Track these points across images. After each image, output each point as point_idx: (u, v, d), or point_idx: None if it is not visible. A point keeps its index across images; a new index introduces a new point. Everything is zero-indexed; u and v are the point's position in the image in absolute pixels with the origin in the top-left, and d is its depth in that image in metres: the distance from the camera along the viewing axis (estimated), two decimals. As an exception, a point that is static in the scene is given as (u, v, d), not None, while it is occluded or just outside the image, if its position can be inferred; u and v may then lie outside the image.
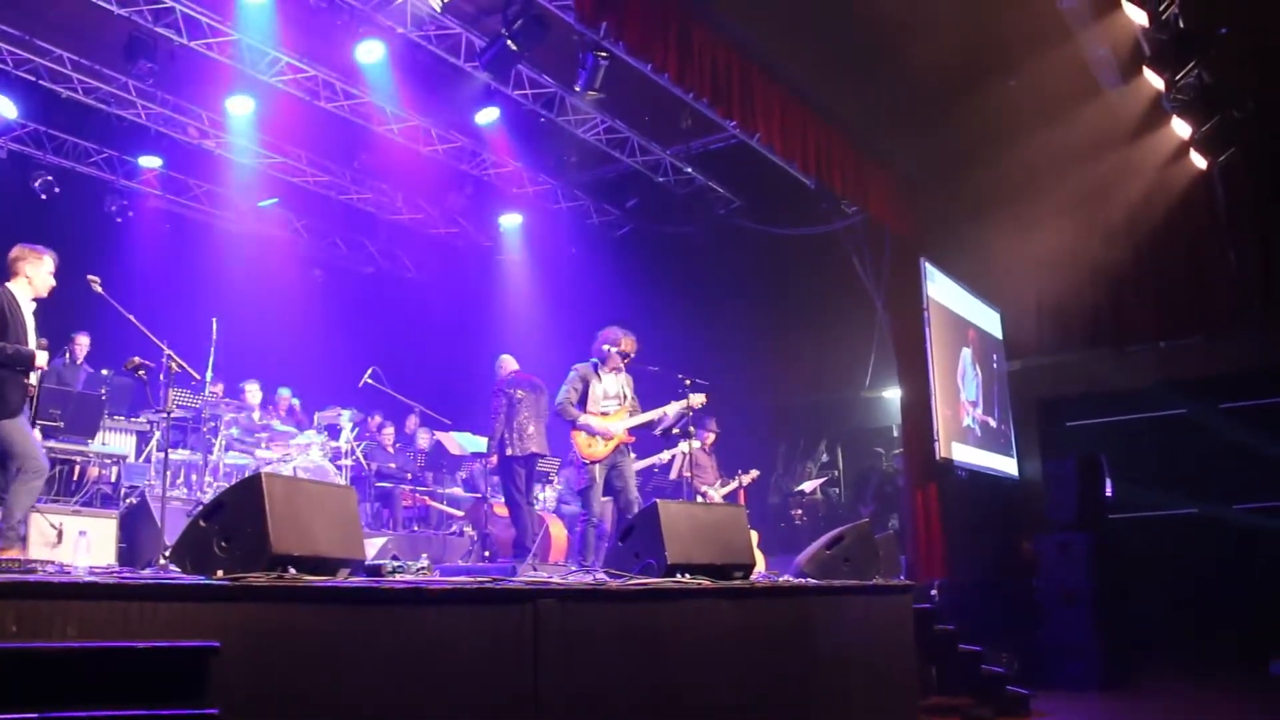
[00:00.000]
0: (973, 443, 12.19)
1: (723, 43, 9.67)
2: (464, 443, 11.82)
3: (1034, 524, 11.34)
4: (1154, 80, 9.55)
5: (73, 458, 8.86)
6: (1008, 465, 13.07)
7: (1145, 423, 12.43)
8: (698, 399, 8.61)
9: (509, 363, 9.89)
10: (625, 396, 8.51)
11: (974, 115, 10.72)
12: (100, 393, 9.48)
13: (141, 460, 9.89)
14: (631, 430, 8.57)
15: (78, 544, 7.60)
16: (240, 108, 11.44)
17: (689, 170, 12.77)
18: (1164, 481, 11.79)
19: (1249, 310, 11.59)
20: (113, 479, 9.23)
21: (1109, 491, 10.61)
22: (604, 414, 8.35)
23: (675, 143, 12.32)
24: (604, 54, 9.68)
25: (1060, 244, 12.07)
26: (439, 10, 8.91)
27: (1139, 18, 8.68)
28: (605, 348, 8.44)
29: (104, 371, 10.28)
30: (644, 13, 8.90)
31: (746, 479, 11.21)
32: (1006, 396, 13.32)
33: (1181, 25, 9.05)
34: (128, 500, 8.89)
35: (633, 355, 8.48)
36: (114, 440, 9.79)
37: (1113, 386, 12.54)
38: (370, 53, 10.21)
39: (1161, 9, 8.47)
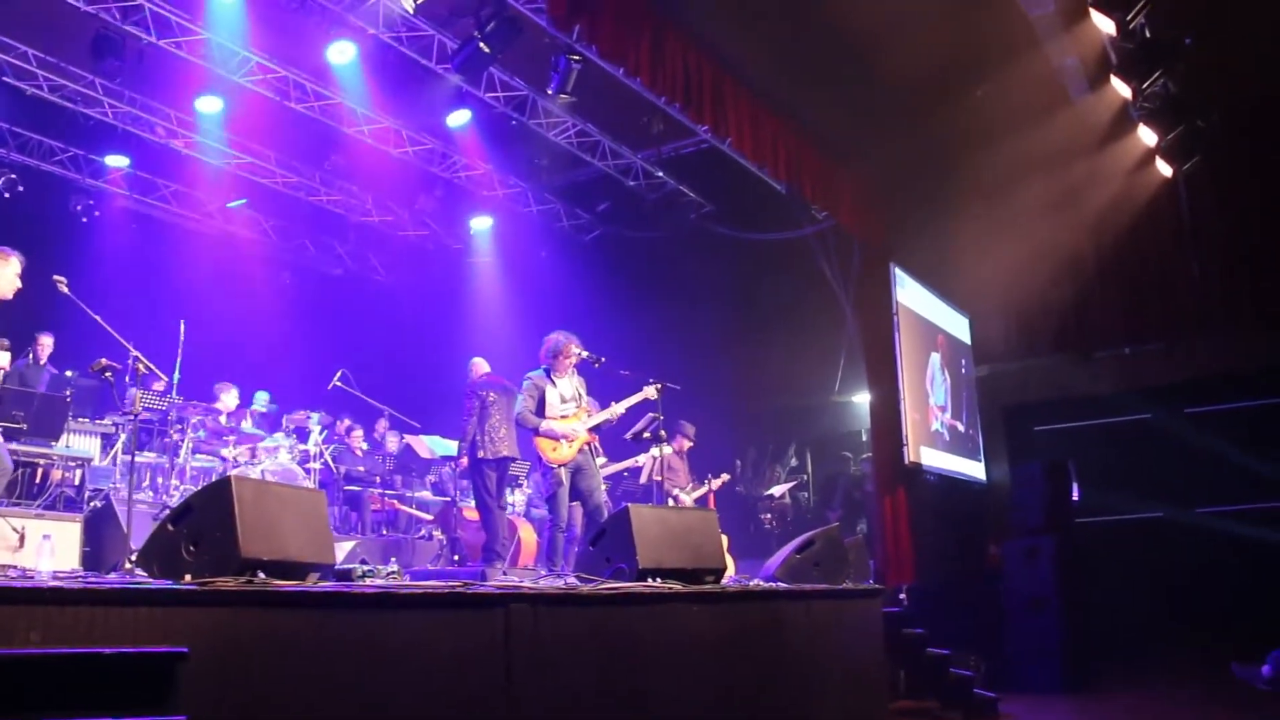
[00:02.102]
0: (941, 447, 12.25)
1: (695, 48, 9.68)
2: (433, 446, 11.76)
3: (1001, 528, 11.42)
4: (1121, 89, 9.64)
5: (36, 460, 8.74)
6: (976, 470, 13.15)
7: (1111, 428, 12.56)
8: (650, 390, 8.63)
9: (481, 365, 9.88)
10: (580, 397, 8.57)
11: (944, 123, 10.80)
12: (65, 394, 9.36)
13: (106, 463, 9.78)
14: (598, 431, 8.62)
15: (41, 548, 7.48)
16: (209, 107, 11.35)
17: (660, 174, 12.77)
18: (1129, 486, 11.91)
19: (1212, 317, 11.75)
20: (76, 482, 9.11)
21: (1076, 496, 10.70)
22: (563, 417, 8.40)
23: (646, 147, 12.32)
24: (576, 57, 9.67)
25: (1028, 250, 12.16)
26: (411, 11, 8.87)
27: (1107, 27, 8.75)
28: (551, 353, 8.50)
29: (68, 373, 10.16)
30: (617, 16, 8.89)
31: (717, 483, 11.23)
32: (975, 401, 13.40)
33: (1148, 35, 9.14)
34: (92, 503, 8.78)
35: (578, 356, 8.52)
36: (78, 442, 9.67)
37: (1079, 391, 12.65)
38: (341, 53, 10.17)
39: (1129, 19, 8.56)
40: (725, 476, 11.42)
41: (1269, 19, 9.66)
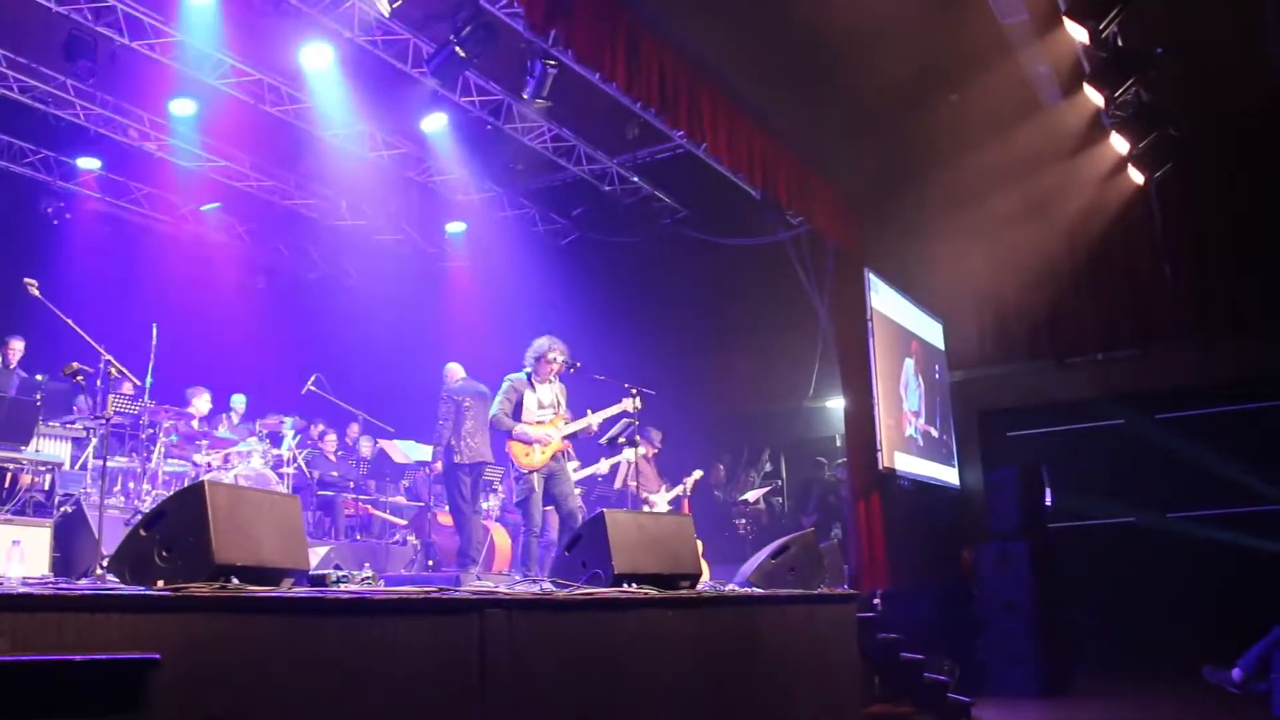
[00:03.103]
0: (915, 453, 12.31)
1: (671, 53, 9.70)
2: (407, 450, 11.72)
3: (975, 533, 11.48)
4: (1094, 97, 9.72)
5: (5, 465, 8.64)
6: (949, 475, 13.21)
7: (1084, 433, 12.64)
8: (630, 403, 8.65)
9: (456, 370, 9.85)
10: (559, 404, 8.56)
11: (919, 129, 10.88)
12: (35, 398, 9.28)
13: (77, 468, 9.68)
14: (570, 438, 8.61)
15: (10, 553, 7.43)
16: (182, 110, 11.27)
17: (635, 179, 12.77)
18: (1102, 491, 12.00)
19: (1183, 324, 11.86)
20: (46, 486, 9.02)
21: (1049, 501, 10.76)
22: (539, 423, 8.39)
23: (622, 152, 12.30)
24: (552, 62, 9.67)
25: (1002, 257, 12.25)
26: (387, 15, 8.84)
27: (1080, 36, 8.83)
28: (536, 357, 8.49)
29: (39, 377, 10.06)
30: (593, 22, 8.90)
31: (690, 481, 11.21)
32: (948, 407, 13.47)
33: (1121, 44, 9.23)
34: (63, 508, 8.70)
35: (563, 363, 8.52)
36: (49, 447, 9.57)
37: (1052, 397, 12.75)
38: (316, 57, 10.12)
39: (1102, 28, 8.63)
40: (698, 473, 11.40)
41: (1238, 30, 9.78)
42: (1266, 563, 10.94)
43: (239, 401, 11.56)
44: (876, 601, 10.03)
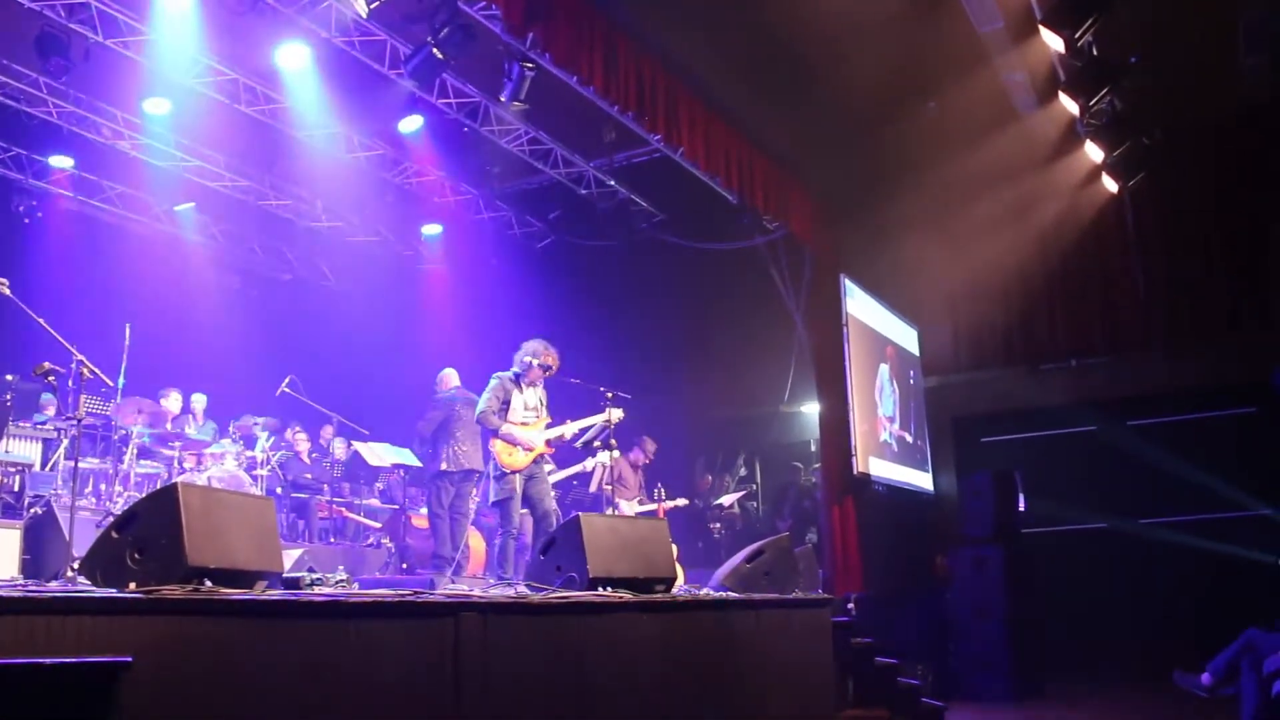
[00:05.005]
0: (890, 458, 12.35)
1: (649, 57, 9.71)
2: (382, 453, 11.67)
3: (949, 538, 11.52)
4: (1069, 105, 9.79)
5: (-26, 466, 8.58)
6: (924, 480, 13.26)
7: (1057, 439, 12.72)
8: (616, 414, 8.67)
9: (451, 377, 9.81)
10: (542, 407, 8.55)
11: (895, 135, 10.92)
12: (5, 399, 9.19)
13: (48, 469, 9.60)
14: (551, 443, 8.61)
15: (-21, 555, 7.36)
16: (157, 109, 11.16)
17: (612, 183, 12.76)
18: (1075, 497, 12.07)
19: (1155, 331, 11.97)
20: (16, 488, 8.94)
21: (1022, 507, 10.82)
22: (524, 424, 8.35)
23: (599, 155, 12.30)
24: (530, 65, 9.65)
25: (977, 263, 12.32)
26: (364, 15, 8.80)
27: (1056, 44, 8.89)
28: (528, 360, 8.44)
29: (9, 377, 9.96)
30: (572, 25, 8.90)
31: (668, 505, 11.18)
32: (923, 412, 13.52)
33: (1096, 53, 9.30)
34: (33, 510, 8.62)
35: (554, 369, 8.50)
36: (19, 448, 9.48)
37: (1026, 403, 12.82)
38: (293, 57, 10.08)
39: (1077, 37, 8.69)
40: (682, 501, 11.42)
41: (1211, 40, 9.88)
42: (1236, 568, 11.02)
43: (200, 401, 11.46)
44: (851, 606, 10.05)
